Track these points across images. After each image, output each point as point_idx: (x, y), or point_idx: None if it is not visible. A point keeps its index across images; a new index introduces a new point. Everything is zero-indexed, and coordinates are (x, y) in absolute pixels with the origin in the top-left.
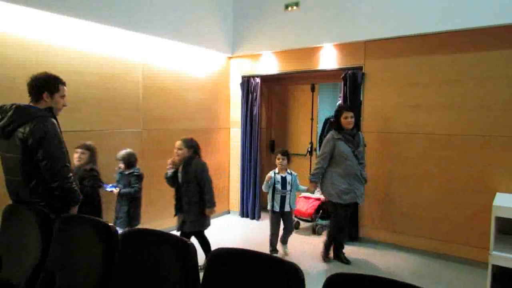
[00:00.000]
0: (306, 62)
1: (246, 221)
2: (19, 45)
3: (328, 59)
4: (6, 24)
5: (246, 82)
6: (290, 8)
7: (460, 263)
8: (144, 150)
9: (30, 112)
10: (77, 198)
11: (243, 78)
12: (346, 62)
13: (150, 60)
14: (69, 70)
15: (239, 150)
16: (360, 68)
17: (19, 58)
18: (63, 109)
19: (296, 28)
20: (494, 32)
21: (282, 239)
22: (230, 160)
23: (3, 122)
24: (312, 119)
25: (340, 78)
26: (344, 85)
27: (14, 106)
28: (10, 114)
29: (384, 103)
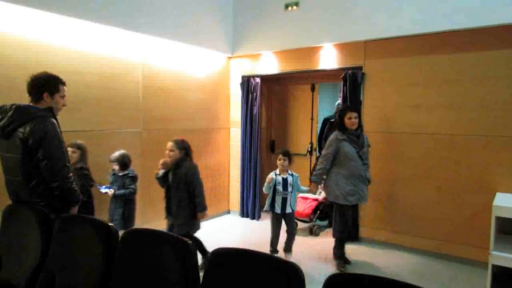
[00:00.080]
0: (306, 62)
1: (246, 221)
2: (19, 45)
3: (328, 59)
4: (6, 24)
5: (246, 82)
6: (290, 8)
7: (460, 263)
8: (144, 150)
9: (30, 112)
10: (77, 198)
11: (243, 78)
12: (346, 62)
13: (150, 60)
14: (69, 70)
15: (239, 150)
16: (360, 68)
17: (19, 58)
18: (63, 109)
19: (296, 28)
20: (494, 32)
21: (285, 246)
22: (230, 160)
23: (3, 122)
24: (312, 119)
25: (340, 78)
26: (343, 85)
27: (14, 106)
28: (10, 114)
29: (384, 103)
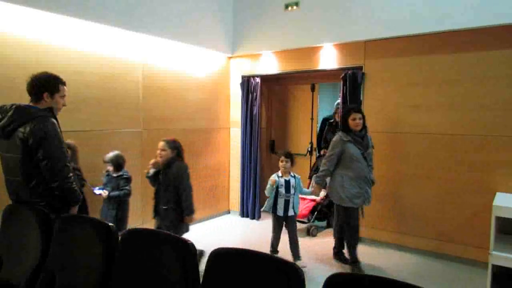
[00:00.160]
0: (306, 62)
1: (246, 221)
2: (19, 45)
3: (328, 59)
4: (6, 24)
5: (246, 82)
6: (290, 8)
7: (460, 263)
8: (144, 150)
9: (30, 112)
10: (77, 198)
11: (243, 78)
12: (346, 62)
13: (150, 60)
14: (69, 70)
15: (239, 150)
16: (360, 68)
17: (19, 58)
18: (63, 109)
19: (296, 28)
20: (494, 32)
21: (293, 254)
22: (230, 160)
23: (3, 122)
24: (312, 119)
25: (340, 78)
26: (343, 85)
27: (14, 106)
28: (10, 114)
29: (384, 103)
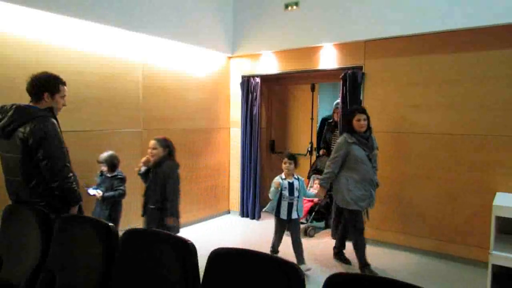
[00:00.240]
0: (306, 62)
1: (246, 221)
2: (19, 45)
3: (328, 58)
4: (6, 24)
5: (246, 82)
6: (290, 8)
7: (461, 262)
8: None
9: (30, 112)
10: (77, 198)
11: (243, 78)
12: (346, 61)
13: (150, 60)
14: (69, 70)
15: (239, 150)
16: (360, 67)
17: (19, 58)
18: (63, 109)
19: (296, 27)
20: (494, 32)
21: (297, 257)
22: (230, 160)
23: (3, 122)
24: (312, 119)
25: (340, 78)
26: (343, 85)
27: (15, 106)
28: (10, 114)
29: (384, 103)
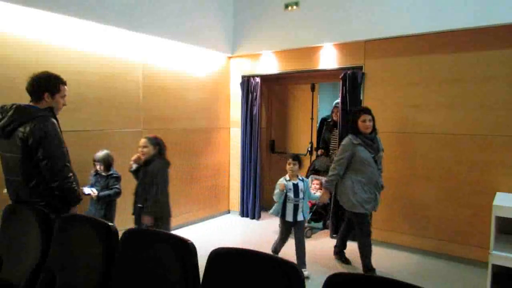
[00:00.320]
0: (306, 61)
1: (246, 220)
2: (19, 45)
3: (328, 58)
4: (6, 24)
5: (246, 82)
6: (290, 8)
7: (461, 262)
8: None
9: (30, 112)
10: (77, 198)
11: (243, 77)
12: (346, 61)
13: (150, 60)
14: (69, 70)
15: (239, 149)
16: (360, 67)
17: (19, 58)
18: (63, 108)
19: (296, 27)
20: (494, 32)
21: (298, 261)
22: (230, 159)
23: (3, 122)
24: (312, 119)
25: (339, 78)
26: (342, 85)
27: (15, 106)
28: (10, 113)
29: (384, 102)
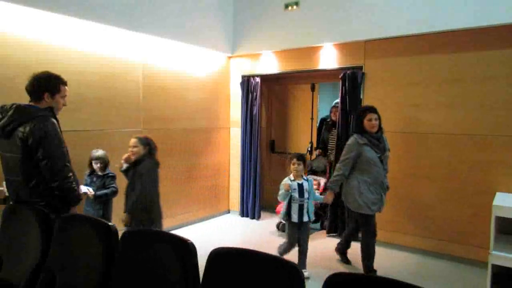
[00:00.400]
0: (306, 61)
1: (246, 220)
2: (19, 45)
3: (328, 58)
4: (6, 24)
5: (246, 82)
6: (290, 8)
7: (461, 262)
8: None
9: (30, 112)
10: (77, 198)
11: (243, 77)
12: (346, 61)
13: (150, 59)
14: (69, 70)
15: (239, 149)
16: (360, 67)
17: (19, 58)
18: (63, 108)
19: (296, 27)
20: (494, 32)
21: (299, 262)
22: (230, 159)
23: (3, 121)
24: (312, 119)
25: (339, 78)
26: (342, 85)
27: (15, 106)
28: (10, 113)
29: (384, 102)
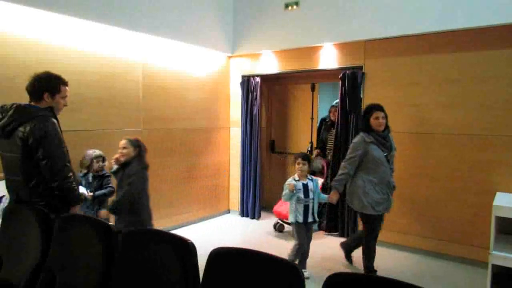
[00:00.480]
0: (306, 61)
1: (246, 220)
2: (19, 44)
3: (328, 58)
4: (6, 24)
5: (246, 82)
6: (290, 8)
7: (461, 262)
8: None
9: (30, 112)
10: (76, 198)
11: (243, 77)
12: (346, 61)
13: (150, 59)
14: (69, 69)
15: (239, 149)
16: (360, 67)
17: (19, 58)
18: (64, 108)
19: (296, 27)
20: (494, 32)
21: (299, 263)
22: (230, 159)
23: (3, 121)
24: (312, 119)
25: (338, 78)
26: (342, 85)
27: (15, 106)
28: (10, 113)
29: (384, 102)
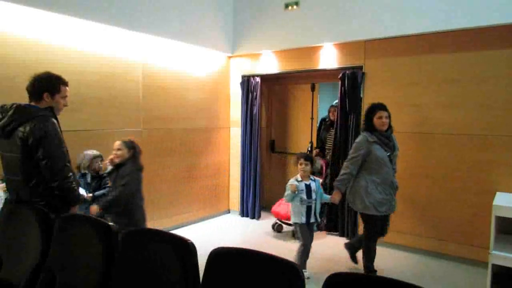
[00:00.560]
0: (306, 61)
1: (246, 220)
2: (19, 44)
3: (328, 58)
4: (6, 24)
5: (246, 82)
6: (290, 8)
7: (461, 262)
8: (145, 150)
9: (30, 112)
10: (77, 198)
11: (243, 77)
12: (346, 61)
13: (150, 59)
14: (69, 69)
15: (239, 149)
16: (360, 67)
17: (19, 58)
18: (64, 108)
19: (296, 27)
20: (494, 32)
21: (299, 263)
22: (230, 159)
23: (3, 121)
24: (312, 119)
25: (338, 78)
26: (341, 85)
27: (15, 106)
28: (10, 113)
29: (384, 102)
